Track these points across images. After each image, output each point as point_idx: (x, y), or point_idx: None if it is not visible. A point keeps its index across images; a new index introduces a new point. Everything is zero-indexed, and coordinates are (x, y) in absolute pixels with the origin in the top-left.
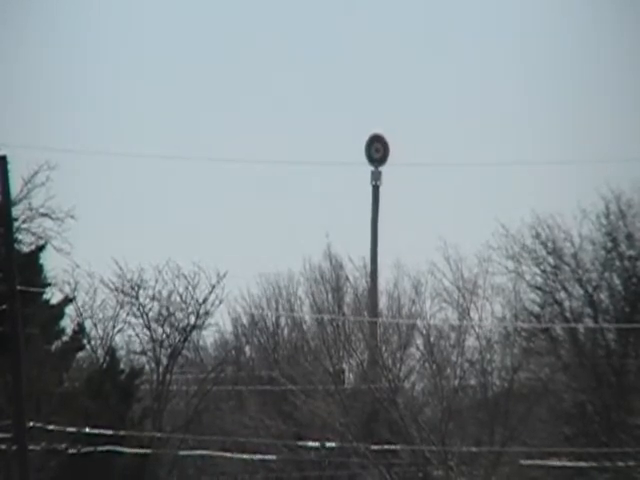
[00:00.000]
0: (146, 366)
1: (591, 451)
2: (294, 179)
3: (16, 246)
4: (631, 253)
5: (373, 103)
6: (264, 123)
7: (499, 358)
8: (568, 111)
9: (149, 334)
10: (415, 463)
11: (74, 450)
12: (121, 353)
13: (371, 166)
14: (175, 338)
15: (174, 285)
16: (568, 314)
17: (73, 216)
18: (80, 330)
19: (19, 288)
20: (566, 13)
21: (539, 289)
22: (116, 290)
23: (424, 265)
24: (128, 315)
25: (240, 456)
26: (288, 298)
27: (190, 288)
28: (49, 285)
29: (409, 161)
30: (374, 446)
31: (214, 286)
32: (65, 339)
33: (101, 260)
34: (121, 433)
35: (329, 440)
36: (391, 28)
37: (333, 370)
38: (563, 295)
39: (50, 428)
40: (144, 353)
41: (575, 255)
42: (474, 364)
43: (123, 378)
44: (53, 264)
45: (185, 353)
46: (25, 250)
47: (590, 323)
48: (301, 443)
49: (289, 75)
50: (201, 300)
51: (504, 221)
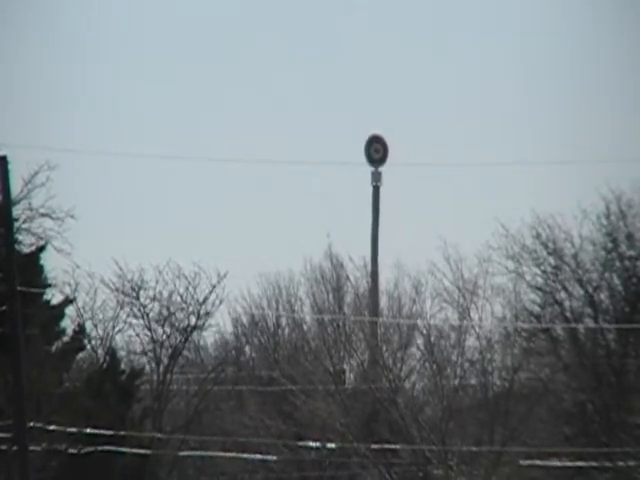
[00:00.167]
0: (146, 366)
1: (591, 451)
2: (294, 179)
3: (16, 246)
4: (631, 253)
5: (373, 103)
6: (264, 123)
7: (499, 358)
8: (568, 111)
9: (149, 334)
10: (415, 463)
11: (74, 450)
12: (121, 353)
13: (371, 166)
14: (175, 338)
15: (174, 285)
16: (568, 314)
17: (73, 216)
18: (80, 330)
19: (19, 288)
20: (566, 13)
21: (539, 289)
22: (116, 290)
23: (424, 265)
24: (128, 316)
25: (240, 456)
26: (288, 298)
27: (190, 288)
28: (49, 286)
29: (409, 161)
30: (374, 446)
31: (214, 286)
32: (65, 340)
33: (101, 260)
34: (121, 433)
35: (329, 440)
36: (391, 28)
37: (333, 370)
38: (563, 295)
39: (50, 428)
40: (144, 353)
41: (575, 255)
42: (474, 364)
43: (123, 378)
44: (53, 264)
45: (185, 353)
46: (25, 250)
47: (590, 323)
48: (301, 443)
49: (289, 75)
50: (201, 300)
51: (504, 221)
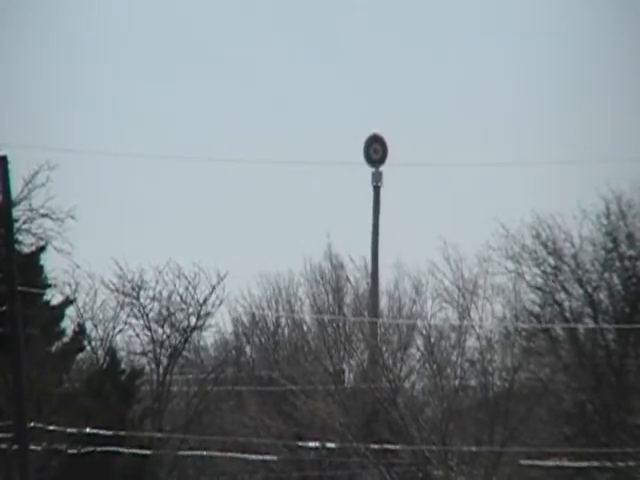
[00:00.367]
0: (146, 367)
1: (591, 451)
2: (294, 179)
3: (16, 247)
4: (631, 253)
5: (372, 103)
6: (264, 123)
7: (499, 358)
8: (568, 111)
9: (149, 335)
10: (415, 463)
11: (74, 450)
12: (121, 354)
13: (370, 167)
14: (175, 339)
15: (174, 286)
16: (568, 314)
17: (73, 216)
18: (80, 331)
19: (19, 289)
20: (566, 13)
21: (539, 289)
22: (116, 291)
23: (424, 265)
24: (128, 316)
25: (240, 456)
26: (288, 298)
27: (190, 288)
28: (49, 286)
29: (408, 161)
30: (374, 446)
31: (214, 286)
32: (65, 340)
33: (101, 261)
34: (121, 433)
35: (329, 440)
36: (390, 28)
37: (333, 370)
38: (563, 295)
39: (50, 428)
40: (144, 354)
41: (575, 255)
42: (474, 364)
43: (123, 379)
44: (53, 265)
45: (185, 354)
46: (25, 251)
47: (590, 323)
48: (301, 443)
49: (289, 75)
50: (201, 300)
51: (504, 221)
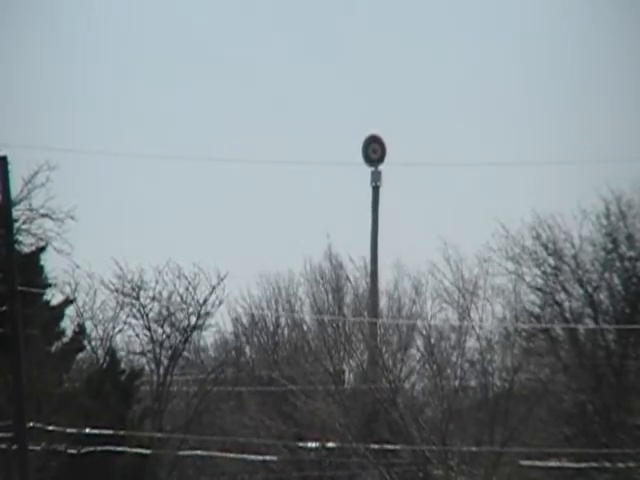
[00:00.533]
0: (146, 367)
1: (591, 452)
2: (294, 179)
3: (16, 247)
4: (631, 254)
5: (371, 103)
6: (264, 123)
7: (499, 359)
8: (568, 111)
9: (149, 335)
10: (415, 463)
11: (74, 450)
12: (121, 354)
13: (369, 167)
14: (175, 339)
15: (174, 286)
16: (568, 315)
17: (73, 217)
18: (80, 331)
19: (19, 289)
20: (566, 13)
21: (539, 290)
22: (116, 291)
23: (424, 265)
24: (128, 316)
25: (240, 456)
26: (288, 298)
27: (190, 289)
28: (49, 286)
29: (408, 161)
30: (374, 446)
31: (214, 287)
32: (65, 340)
33: (101, 261)
34: (121, 433)
35: (329, 440)
36: (389, 28)
37: (333, 370)
38: (563, 296)
39: (50, 428)
40: (144, 354)
41: (575, 256)
42: (474, 365)
43: (123, 379)
44: (53, 265)
45: (185, 354)
46: (25, 251)
47: (590, 324)
48: (301, 443)
49: (289, 75)
50: (201, 301)
51: (504, 221)
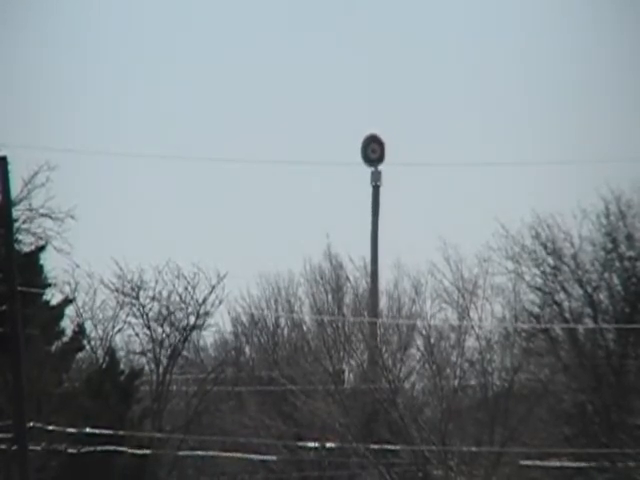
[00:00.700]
0: (146, 367)
1: (591, 451)
2: (294, 179)
3: (16, 246)
4: (631, 254)
5: (370, 103)
6: (264, 123)
7: (499, 358)
8: (568, 111)
9: (149, 334)
10: (415, 463)
11: (74, 450)
12: (121, 353)
13: (368, 167)
14: (175, 338)
15: (174, 285)
16: (568, 315)
17: (73, 216)
18: (80, 331)
19: (19, 289)
20: (566, 13)
21: (539, 290)
22: (116, 291)
23: (424, 265)
24: (128, 315)
25: (240, 456)
26: (288, 298)
27: (190, 288)
28: (49, 286)
29: (407, 161)
30: (374, 446)
31: (214, 286)
32: (65, 340)
33: (101, 260)
34: (121, 433)
35: (329, 440)
36: (389, 28)
37: (333, 370)
38: (563, 296)
39: (50, 428)
40: (144, 353)
41: (575, 256)
42: (474, 364)
43: (123, 378)
44: (53, 265)
45: (185, 354)
46: (25, 250)
47: (590, 324)
48: (301, 443)
49: (289, 75)
50: (201, 300)
51: (504, 221)
